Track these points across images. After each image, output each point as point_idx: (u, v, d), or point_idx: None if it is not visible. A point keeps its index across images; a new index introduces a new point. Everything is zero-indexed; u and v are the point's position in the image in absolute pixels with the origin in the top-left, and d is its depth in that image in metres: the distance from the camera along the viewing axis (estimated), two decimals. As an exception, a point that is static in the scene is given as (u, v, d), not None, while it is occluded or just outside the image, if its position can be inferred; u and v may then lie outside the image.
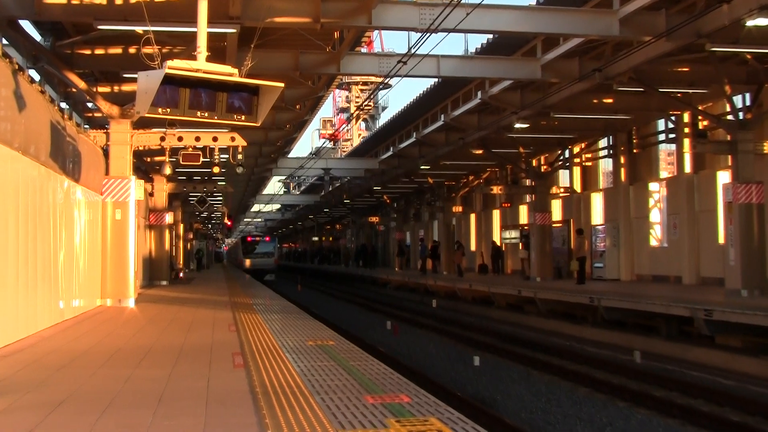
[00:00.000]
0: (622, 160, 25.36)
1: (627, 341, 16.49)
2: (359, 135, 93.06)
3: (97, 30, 12.97)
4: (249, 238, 53.16)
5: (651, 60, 15.64)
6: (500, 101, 21.19)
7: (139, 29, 12.18)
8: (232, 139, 16.39)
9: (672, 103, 20.53)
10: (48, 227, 11.41)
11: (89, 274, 14.48)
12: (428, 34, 12.76)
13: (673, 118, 22.32)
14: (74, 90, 18.46)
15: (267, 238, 55.14)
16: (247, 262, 47.79)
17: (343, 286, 46.88)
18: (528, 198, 32.01)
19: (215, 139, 16.47)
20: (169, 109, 9.04)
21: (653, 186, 24.39)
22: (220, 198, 42.11)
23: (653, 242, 24.35)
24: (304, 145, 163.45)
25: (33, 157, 10.48)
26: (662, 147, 24.95)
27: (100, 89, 18.38)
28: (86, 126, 21.85)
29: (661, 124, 23.82)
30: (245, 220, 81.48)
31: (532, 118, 21.58)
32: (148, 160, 25.67)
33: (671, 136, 23.05)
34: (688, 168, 22.31)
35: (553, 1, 15.14)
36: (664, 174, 25.09)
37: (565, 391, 11.82)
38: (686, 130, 22.19)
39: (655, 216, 24.38)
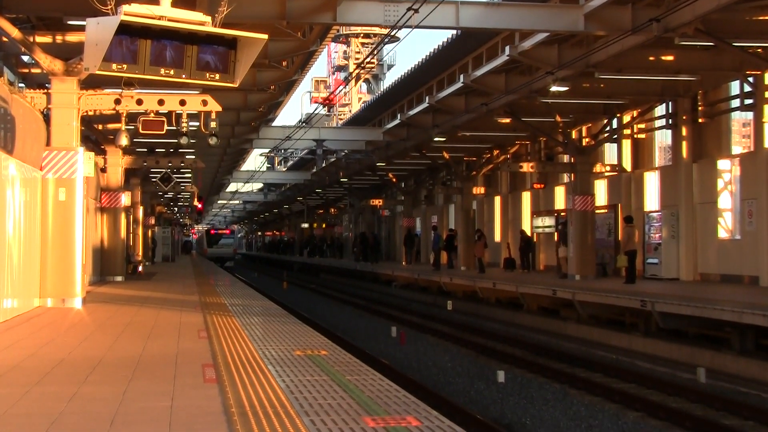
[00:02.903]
0: (684, 131, 25.28)
1: (688, 356, 16.50)
2: (359, 99, 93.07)
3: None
4: (212, 231, 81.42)
5: (724, 6, 15.52)
6: (533, 58, 21.09)
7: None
8: (204, 102, 16.31)
9: (750, 61, 20.40)
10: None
11: (25, 268, 14.47)
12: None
13: (750, 79, 22.19)
14: (5, 39, 18.37)
15: (227, 231, 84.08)
16: (211, 251, 72.23)
17: (338, 283, 47.05)
18: (566, 178, 31.95)
19: (183, 102, 16.39)
20: (125, 65, 9.01)
21: (723, 164, 24.30)
22: (189, 175, 42.16)
23: (722, 234, 24.30)
24: (291, 112, 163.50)
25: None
26: (735, 115, 24.82)
27: (39, 39, 18.32)
28: (21, 85, 21.82)
29: (734, 87, 23.71)
30: (219, 202, 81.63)
31: (573, 79, 21.47)
32: (100, 127, 25.65)
33: (747, 101, 22.94)
34: (768, 141, 22.23)
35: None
36: (737, 149, 24.98)
37: (610, 415, 11.83)
38: (767, 94, 22.08)
39: (726, 201, 24.31)
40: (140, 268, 31.21)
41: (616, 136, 28.78)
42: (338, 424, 5.99)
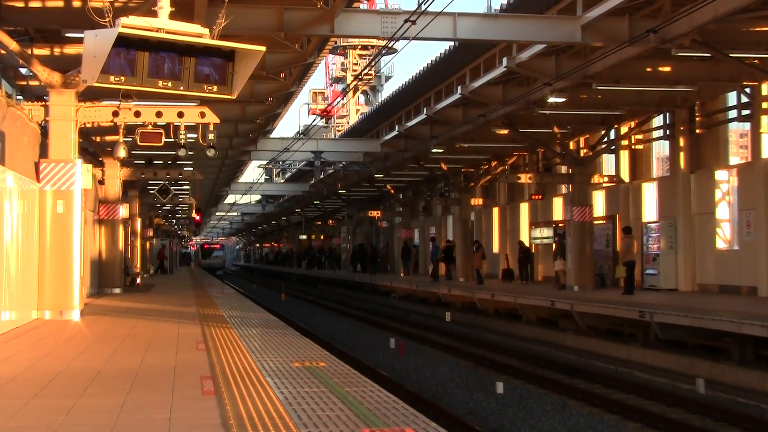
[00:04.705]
0: (682, 142, 25.30)
1: (687, 366, 16.47)
2: (357, 111, 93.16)
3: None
4: (206, 246, 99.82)
5: (721, 17, 15.56)
6: (530, 70, 21.12)
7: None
8: (202, 114, 16.34)
9: (747, 71, 20.44)
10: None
11: (22, 280, 14.46)
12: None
13: (747, 89, 22.24)
14: (3, 52, 18.42)
15: (218, 246, 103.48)
16: (205, 262, 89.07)
17: (336, 295, 47.02)
18: (564, 189, 31.95)
19: (181, 114, 16.42)
20: (123, 78, 9.03)
21: (721, 174, 24.32)
22: (187, 187, 42.15)
23: (720, 244, 24.29)
24: (289, 123, 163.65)
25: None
26: (733, 126, 24.87)
27: (37, 51, 18.34)
28: (19, 97, 21.87)
29: (732, 98, 23.76)
30: (218, 213, 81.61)
31: (570, 90, 21.49)
32: (98, 139, 25.66)
33: (745, 112, 22.98)
34: (766, 152, 22.24)
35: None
36: (735, 160, 25.01)
37: (609, 426, 11.81)
38: (765, 104, 22.12)
39: (723, 212, 24.32)
40: (139, 280, 31.18)
41: (613, 147, 28.82)
42: (337, 435, 5.98)
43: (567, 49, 20.39)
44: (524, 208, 37.07)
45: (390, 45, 18.14)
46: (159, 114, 16.34)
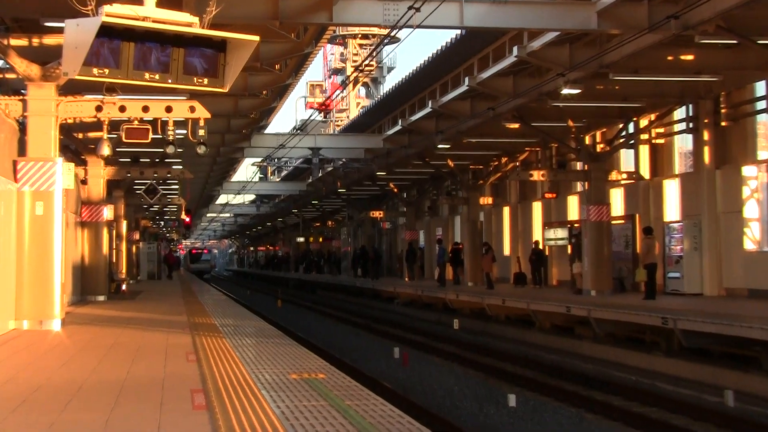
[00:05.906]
0: (707, 135, 25.31)
1: (714, 377, 16.44)
2: (358, 104, 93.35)
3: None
4: (194, 251, 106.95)
5: (747, 1, 15.55)
6: (543, 59, 21.13)
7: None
8: (192, 109, 16.33)
9: (775, 60, 20.45)
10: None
11: None
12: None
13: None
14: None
15: (206, 251, 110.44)
16: (193, 266, 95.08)
17: (336, 300, 47.06)
18: (579, 186, 31.97)
19: (169, 109, 16.41)
20: (107, 70, 9.04)
21: (749, 170, 24.32)
22: (176, 187, 42.22)
23: (749, 245, 24.29)
24: (285, 118, 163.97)
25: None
26: (761, 118, 24.84)
27: (14, 42, 18.33)
28: (-4, 91, 21.85)
29: (760, 88, 23.75)
30: (209, 215, 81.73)
31: (586, 81, 21.49)
32: (80, 136, 25.69)
33: (773, 103, 23.01)
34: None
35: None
36: (764, 154, 25.00)
37: (630, 441, 11.80)
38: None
39: (752, 210, 24.31)
40: (124, 287, 31.21)
41: (632, 142, 28.82)
42: (338, 452, 5.98)
43: (582, 37, 20.40)
44: (537, 207, 37.10)
45: (392, 34, 18.15)
46: (146, 109, 16.33)
